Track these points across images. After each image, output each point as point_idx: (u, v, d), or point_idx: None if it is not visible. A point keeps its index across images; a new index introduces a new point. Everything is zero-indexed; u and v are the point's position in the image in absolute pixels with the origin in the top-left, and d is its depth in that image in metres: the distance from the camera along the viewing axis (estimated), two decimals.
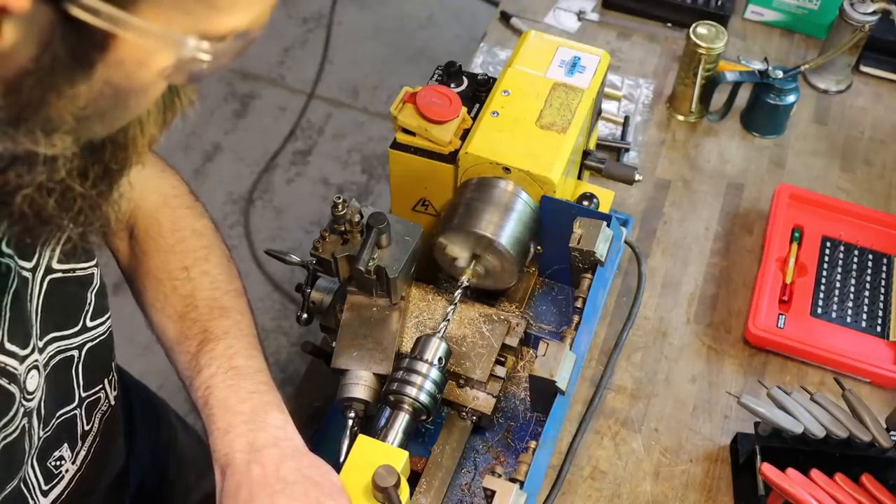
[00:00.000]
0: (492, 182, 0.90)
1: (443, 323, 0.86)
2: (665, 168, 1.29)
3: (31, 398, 0.68)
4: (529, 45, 1.01)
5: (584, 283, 0.90)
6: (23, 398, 0.67)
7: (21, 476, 0.71)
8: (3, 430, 0.65)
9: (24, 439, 0.69)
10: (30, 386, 0.68)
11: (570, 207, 0.93)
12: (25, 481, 0.72)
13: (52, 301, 0.70)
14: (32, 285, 0.68)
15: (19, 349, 0.65)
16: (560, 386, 0.80)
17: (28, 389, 0.67)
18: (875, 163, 1.31)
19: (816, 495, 0.89)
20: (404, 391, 0.81)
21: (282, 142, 2.60)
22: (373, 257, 0.85)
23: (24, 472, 0.71)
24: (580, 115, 0.94)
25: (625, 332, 0.92)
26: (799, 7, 1.45)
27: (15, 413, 0.66)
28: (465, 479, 0.90)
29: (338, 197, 0.86)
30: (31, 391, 0.68)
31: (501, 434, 0.93)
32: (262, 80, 2.76)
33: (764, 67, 1.28)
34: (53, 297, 0.70)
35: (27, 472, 0.72)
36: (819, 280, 1.15)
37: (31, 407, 0.69)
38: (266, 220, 2.45)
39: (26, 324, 0.67)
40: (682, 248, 1.20)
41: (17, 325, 0.65)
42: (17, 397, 0.66)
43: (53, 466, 0.76)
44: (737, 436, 1.00)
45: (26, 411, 0.68)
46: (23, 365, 0.66)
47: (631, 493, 0.98)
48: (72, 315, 0.74)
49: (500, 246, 0.88)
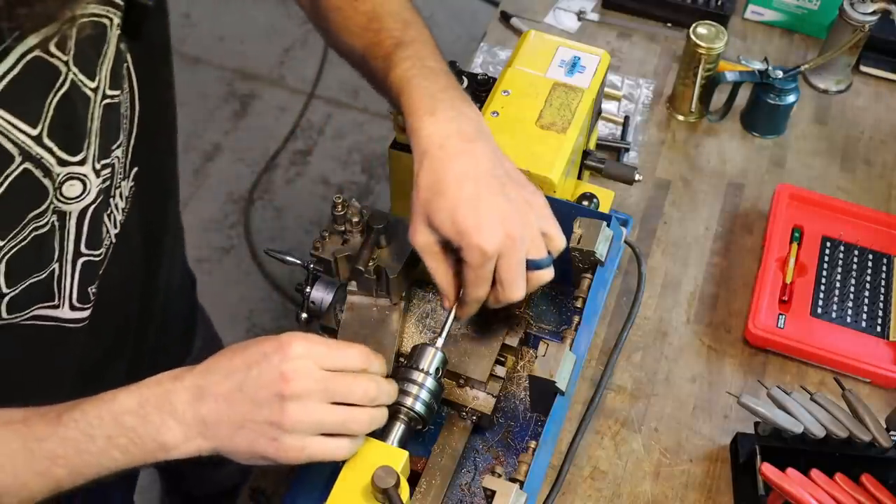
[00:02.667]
0: None
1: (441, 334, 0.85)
2: (665, 168, 1.29)
3: (67, 202, 0.73)
4: (529, 45, 1.01)
5: (584, 283, 0.90)
6: (56, 196, 0.71)
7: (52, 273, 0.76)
8: (34, 221, 0.70)
9: (53, 237, 0.73)
10: (67, 192, 0.72)
11: (570, 207, 0.93)
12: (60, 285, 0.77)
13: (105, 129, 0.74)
14: (94, 107, 0.72)
15: (63, 152, 0.69)
16: (560, 386, 0.80)
17: (65, 194, 0.72)
18: (875, 163, 1.31)
19: (816, 495, 0.89)
20: (399, 400, 0.81)
21: (282, 142, 2.60)
22: (373, 257, 0.85)
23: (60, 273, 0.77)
24: (580, 115, 0.94)
25: (625, 332, 0.92)
26: (799, 7, 1.45)
27: (46, 207, 0.70)
28: (465, 479, 0.90)
29: (338, 197, 0.86)
30: (68, 196, 0.72)
31: (501, 434, 0.93)
32: (262, 80, 2.76)
33: (764, 67, 1.28)
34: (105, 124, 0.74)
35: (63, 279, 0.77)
36: (819, 280, 1.15)
37: (66, 210, 0.73)
38: (266, 220, 2.45)
39: (79, 134, 0.71)
40: (682, 248, 1.20)
41: (63, 128, 0.69)
42: (49, 193, 0.70)
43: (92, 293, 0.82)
44: (737, 436, 1.00)
45: (57, 210, 0.72)
46: (64, 168, 0.70)
47: (631, 493, 0.98)
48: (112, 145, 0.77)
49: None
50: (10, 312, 0.75)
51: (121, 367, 0.97)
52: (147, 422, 0.67)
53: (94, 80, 0.71)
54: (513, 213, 0.75)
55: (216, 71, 2.75)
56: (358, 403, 0.71)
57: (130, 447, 0.67)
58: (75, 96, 0.69)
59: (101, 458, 0.67)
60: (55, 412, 0.67)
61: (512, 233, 0.74)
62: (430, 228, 0.76)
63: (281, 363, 0.68)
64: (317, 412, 0.68)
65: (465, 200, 0.74)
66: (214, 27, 2.84)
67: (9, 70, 0.63)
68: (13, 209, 0.68)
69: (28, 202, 0.69)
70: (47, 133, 0.68)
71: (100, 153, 0.74)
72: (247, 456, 0.69)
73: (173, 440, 0.67)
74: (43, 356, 0.83)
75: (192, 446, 0.68)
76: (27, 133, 0.66)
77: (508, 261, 0.75)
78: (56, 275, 0.77)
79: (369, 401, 0.71)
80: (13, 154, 0.66)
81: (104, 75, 0.72)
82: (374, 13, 0.85)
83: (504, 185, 0.76)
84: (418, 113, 0.77)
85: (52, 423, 0.66)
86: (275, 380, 0.67)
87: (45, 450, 0.66)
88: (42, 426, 0.66)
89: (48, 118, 0.67)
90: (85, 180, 0.74)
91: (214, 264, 2.34)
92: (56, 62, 0.67)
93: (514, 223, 0.75)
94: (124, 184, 0.84)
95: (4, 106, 0.64)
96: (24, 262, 0.72)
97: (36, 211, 0.70)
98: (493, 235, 0.73)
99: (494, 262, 0.75)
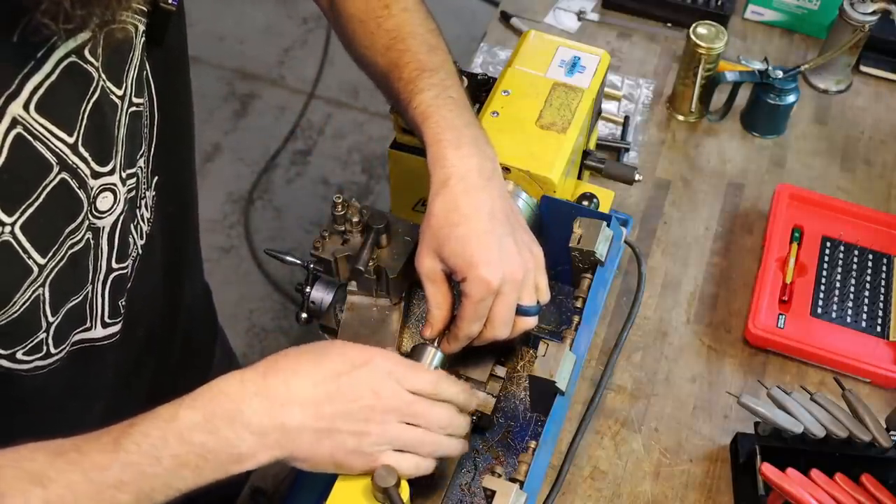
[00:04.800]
0: None
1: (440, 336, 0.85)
2: (665, 168, 1.29)
3: (100, 216, 0.72)
4: (529, 45, 1.01)
5: (584, 283, 0.90)
6: (90, 211, 0.70)
7: (86, 295, 0.74)
8: (70, 238, 0.69)
9: (88, 255, 0.72)
10: (101, 205, 0.71)
11: (570, 207, 0.93)
12: (90, 307, 0.76)
13: (130, 137, 0.73)
14: (121, 115, 0.71)
15: (95, 162, 0.69)
16: (560, 386, 0.80)
17: (98, 208, 0.71)
18: (875, 163, 1.31)
19: (816, 495, 0.89)
20: None
21: (282, 142, 2.60)
22: (373, 257, 0.85)
23: (91, 294, 0.75)
24: (580, 115, 0.94)
25: (625, 332, 0.92)
26: (799, 7, 1.45)
27: (81, 222, 0.69)
28: (465, 479, 0.90)
29: (338, 197, 0.86)
30: (101, 210, 0.71)
31: (501, 434, 0.93)
32: (262, 80, 2.76)
33: (764, 67, 1.28)
34: (130, 133, 0.73)
35: (95, 299, 0.76)
36: (819, 280, 1.15)
37: (100, 226, 0.72)
38: (266, 220, 2.45)
39: (108, 143, 0.70)
40: (682, 248, 1.20)
41: (96, 137, 0.68)
42: (84, 206, 0.69)
43: (121, 305, 0.81)
44: (737, 436, 1.00)
45: (91, 226, 0.71)
46: (96, 181, 0.69)
47: (631, 493, 0.98)
48: (136, 154, 0.77)
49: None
50: (56, 346, 0.74)
51: (146, 379, 0.96)
52: (218, 436, 0.65)
53: (121, 88, 0.70)
54: (518, 256, 0.78)
55: (216, 71, 2.75)
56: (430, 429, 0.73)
57: (202, 464, 0.65)
58: (105, 104, 0.68)
59: (169, 479, 0.64)
60: (109, 437, 0.64)
61: (515, 274, 0.77)
62: (437, 256, 0.78)
63: (371, 378, 0.70)
64: (397, 430, 0.71)
65: (479, 234, 0.76)
66: (214, 27, 2.84)
67: (48, 76, 0.62)
68: (51, 223, 0.66)
69: (64, 216, 0.68)
70: (82, 142, 0.67)
71: (125, 162, 0.73)
72: (321, 464, 0.70)
73: (249, 450, 0.66)
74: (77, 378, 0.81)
75: (267, 456, 0.67)
76: (64, 141, 0.65)
77: (505, 300, 0.77)
78: (89, 297, 0.76)
79: (441, 429, 0.74)
80: (51, 163, 0.64)
81: (130, 82, 0.72)
82: (399, 33, 0.85)
83: (514, 228, 0.79)
84: (442, 143, 0.78)
85: (110, 449, 0.63)
86: (367, 394, 0.69)
87: (109, 478, 0.63)
88: (98, 454, 0.63)
89: (83, 126, 0.66)
90: (116, 190, 0.73)
91: (214, 264, 2.34)
92: (90, 68, 0.66)
93: (518, 266, 0.77)
94: (148, 194, 0.83)
95: (43, 112, 0.62)
96: (64, 284, 0.71)
97: (72, 225, 0.69)
98: (499, 272, 0.75)
99: (493, 299, 0.77)
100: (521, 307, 0.79)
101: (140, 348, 0.91)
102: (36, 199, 0.64)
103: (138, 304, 0.86)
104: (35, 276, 0.67)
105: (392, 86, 0.85)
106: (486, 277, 0.75)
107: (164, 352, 0.99)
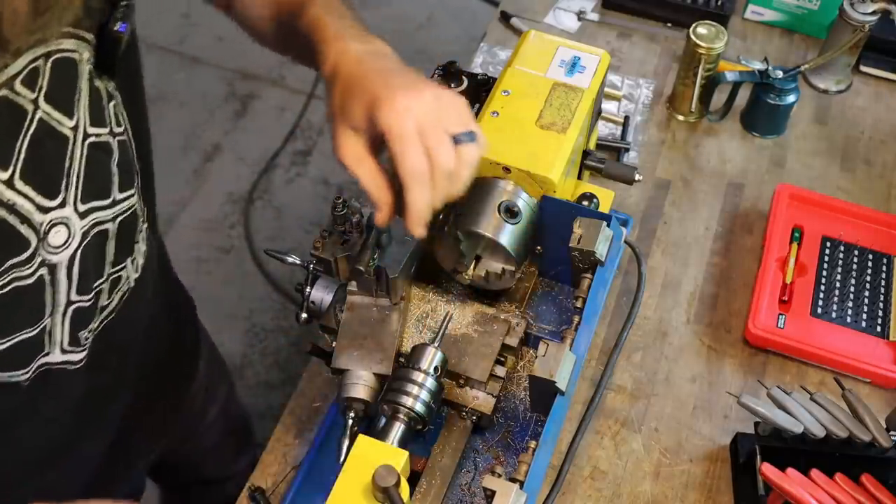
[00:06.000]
0: (492, 182, 0.90)
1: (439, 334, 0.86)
2: (665, 168, 1.29)
3: (55, 251, 0.70)
4: (529, 45, 1.01)
5: (584, 283, 0.90)
6: (43, 247, 0.69)
7: (44, 328, 0.73)
8: (11, 271, 0.67)
9: (43, 292, 0.71)
10: (53, 240, 0.70)
11: (570, 207, 0.93)
12: (51, 335, 0.75)
13: (92, 169, 0.72)
14: (74, 146, 0.69)
15: (42, 196, 0.67)
16: (560, 386, 0.80)
17: (51, 243, 0.70)
18: (875, 163, 1.31)
19: (816, 495, 0.89)
20: (399, 401, 0.81)
21: (282, 142, 2.60)
22: (373, 257, 0.85)
23: (50, 327, 0.74)
24: (580, 115, 0.94)
25: (625, 332, 0.92)
26: (799, 7, 1.45)
27: (30, 258, 0.68)
28: (465, 479, 0.90)
29: (338, 197, 0.86)
30: (54, 245, 0.70)
31: (501, 434, 0.93)
32: (262, 80, 2.76)
33: (764, 67, 1.28)
34: (92, 164, 0.72)
35: (54, 329, 0.75)
36: (819, 280, 1.15)
37: (55, 261, 0.71)
38: (266, 220, 2.45)
39: (55, 176, 0.68)
40: (682, 248, 1.20)
41: (38, 171, 0.66)
42: (32, 242, 0.68)
43: (83, 338, 0.79)
44: (737, 436, 1.00)
45: (45, 262, 0.70)
46: (45, 215, 0.68)
47: (631, 493, 0.98)
48: (104, 186, 0.75)
49: (500, 246, 0.88)
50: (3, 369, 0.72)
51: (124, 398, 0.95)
52: None
53: (72, 119, 0.69)
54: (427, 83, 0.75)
55: (216, 71, 2.75)
56: None
57: None
58: (46, 136, 0.66)
59: None
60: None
61: (426, 96, 0.73)
62: (351, 130, 0.75)
63: None
64: None
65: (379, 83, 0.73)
66: (214, 27, 2.84)
67: None
68: None
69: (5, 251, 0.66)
70: (20, 176, 0.65)
71: (83, 195, 0.71)
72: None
73: None
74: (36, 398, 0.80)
75: None
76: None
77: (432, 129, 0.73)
78: (48, 327, 0.74)
79: None
80: None
81: (83, 113, 0.70)
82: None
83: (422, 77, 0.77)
84: (326, 39, 0.78)
85: None
86: None
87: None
88: None
89: (19, 160, 0.64)
90: (68, 224, 0.71)
91: (214, 264, 2.34)
92: (21, 101, 0.64)
93: (428, 88, 0.74)
94: (143, 226, 0.82)
95: None
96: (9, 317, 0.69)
97: (14, 259, 0.67)
98: (410, 95, 0.73)
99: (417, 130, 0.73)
100: (456, 137, 0.75)
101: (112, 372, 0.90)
102: None
103: (121, 334, 0.85)
104: None
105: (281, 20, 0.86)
106: (398, 102, 0.72)
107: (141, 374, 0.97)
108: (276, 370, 2.17)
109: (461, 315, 0.91)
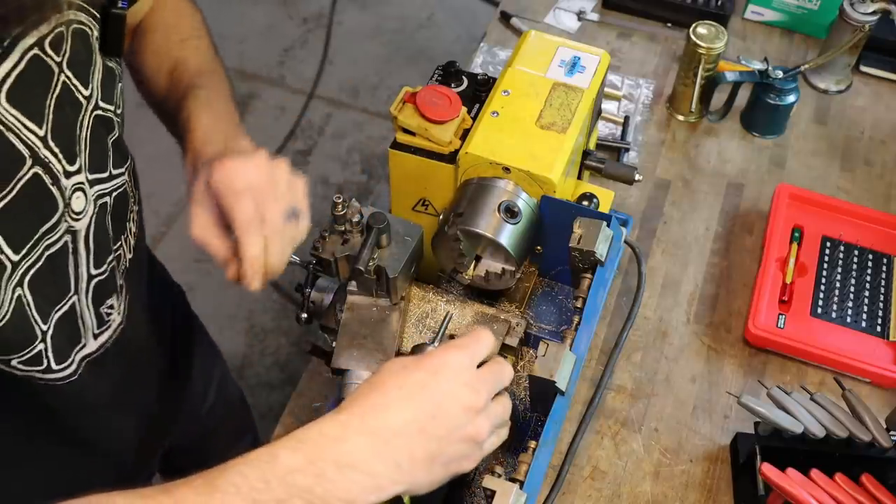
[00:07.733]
0: (492, 182, 0.90)
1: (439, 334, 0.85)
2: (665, 168, 1.29)
3: (77, 217, 0.73)
4: (529, 45, 1.01)
5: (584, 283, 0.90)
6: (68, 213, 0.71)
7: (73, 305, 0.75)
8: (47, 237, 0.69)
9: (67, 259, 0.73)
10: (75, 205, 0.72)
11: (570, 207, 0.92)
12: (82, 319, 0.78)
13: (94, 140, 0.74)
14: (83, 115, 0.72)
15: (65, 160, 0.69)
16: (560, 386, 0.80)
17: (74, 208, 0.72)
18: (875, 163, 1.31)
19: (816, 495, 0.89)
20: None
21: (282, 142, 2.60)
22: (373, 257, 0.85)
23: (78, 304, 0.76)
24: (580, 115, 0.94)
25: (625, 332, 0.92)
26: (799, 7, 1.45)
27: (57, 223, 0.70)
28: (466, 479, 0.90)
29: (338, 197, 0.86)
30: (76, 211, 0.72)
31: None
32: (262, 80, 2.76)
33: (764, 67, 1.28)
34: (94, 136, 0.74)
35: (82, 311, 0.77)
36: (819, 280, 1.15)
37: (77, 228, 0.73)
38: None
39: (73, 140, 0.71)
40: (682, 248, 1.20)
41: (63, 133, 0.69)
42: (59, 206, 0.70)
43: (105, 313, 0.82)
44: (737, 436, 1.00)
45: (70, 229, 0.72)
46: (69, 179, 0.70)
47: (631, 493, 0.98)
48: (103, 160, 0.77)
49: (500, 246, 0.88)
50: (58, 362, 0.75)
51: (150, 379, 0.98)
52: (325, 479, 0.60)
53: (88, 88, 0.71)
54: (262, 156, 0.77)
55: None
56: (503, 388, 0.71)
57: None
58: (66, 100, 0.69)
59: None
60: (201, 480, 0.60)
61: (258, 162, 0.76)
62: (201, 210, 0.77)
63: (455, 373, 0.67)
64: (496, 408, 0.69)
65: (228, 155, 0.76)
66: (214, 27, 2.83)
67: (15, 65, 0.62)
68: (24, 219, 0.66)
69: (39, 213, 0.68)
70: (52, 136, 0.67)
71: (90, 164, 0.73)
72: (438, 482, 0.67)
73: (360, 491, 0.62)
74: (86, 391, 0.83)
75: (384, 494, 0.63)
76: (35, 133, 0.65)
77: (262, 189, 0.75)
78: (76, 307, 0.76)
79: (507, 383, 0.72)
80: (24, 155, 0.65)
81: (96, 84, 0.72)
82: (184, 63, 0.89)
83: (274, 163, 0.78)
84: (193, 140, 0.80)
85: (205, 491, 0.59)
86: (461, 391, 0.66)
87: None
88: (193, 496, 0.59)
89: (49, 120, 0.67)
90: (85, 190, 0.73)
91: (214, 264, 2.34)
92: (50, 62, 0.66)
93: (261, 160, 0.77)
94: (135, 208, 0.84)
95: (14, 103, 0.63)
96: (44, 287, 0.70)
97: (47, 224, 0.69)
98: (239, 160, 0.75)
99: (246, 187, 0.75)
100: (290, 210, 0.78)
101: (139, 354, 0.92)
102: (9, 192, 0.64)
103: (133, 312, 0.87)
104: (9, 274, 0.66)
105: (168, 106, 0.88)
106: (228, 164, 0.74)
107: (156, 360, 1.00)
108: (276, 370, 2.17)
109: (461, 315, 0.91)
